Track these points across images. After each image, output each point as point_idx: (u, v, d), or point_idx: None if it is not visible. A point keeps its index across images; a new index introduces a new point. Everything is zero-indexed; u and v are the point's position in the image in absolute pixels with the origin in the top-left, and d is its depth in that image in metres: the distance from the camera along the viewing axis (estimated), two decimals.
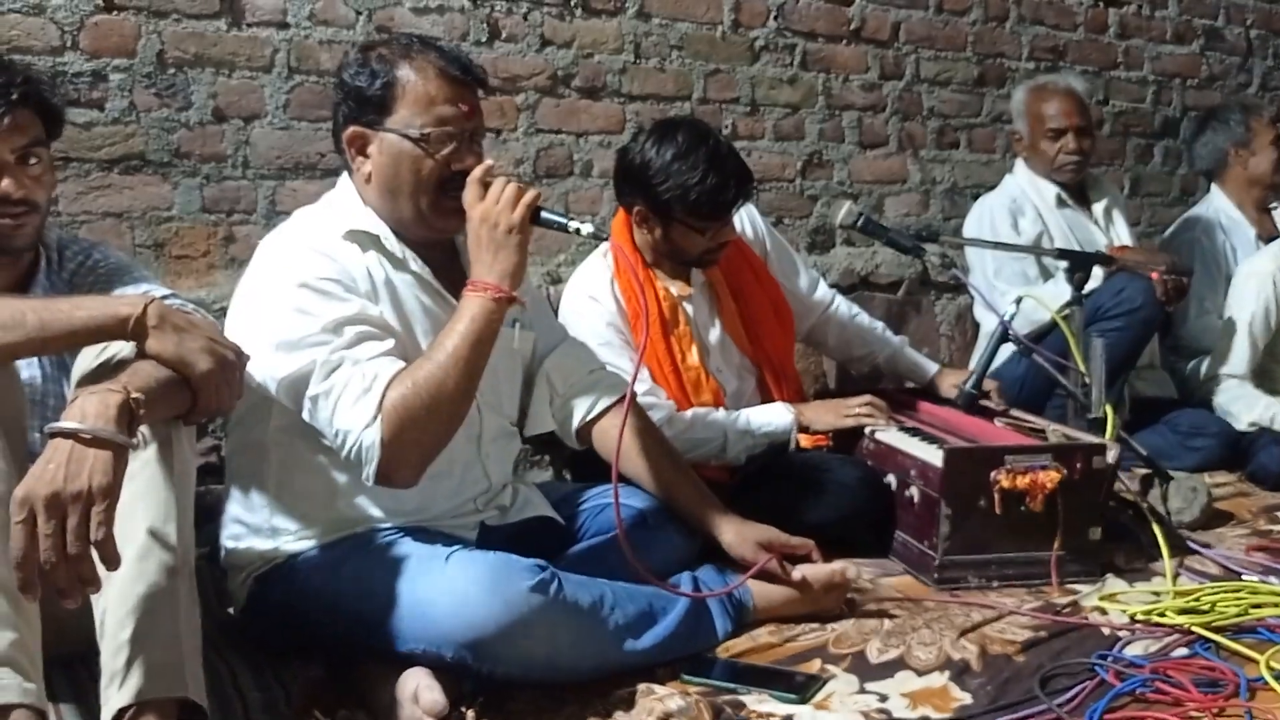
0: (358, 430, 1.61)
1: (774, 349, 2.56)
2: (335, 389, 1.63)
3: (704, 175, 2.30)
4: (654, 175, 2.34)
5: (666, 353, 2.41)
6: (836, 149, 3.46)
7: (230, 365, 1.48)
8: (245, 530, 1.83)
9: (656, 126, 2.46)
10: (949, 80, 3.65)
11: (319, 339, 1.65)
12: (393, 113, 1.74)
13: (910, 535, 2.27)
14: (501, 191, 1.68)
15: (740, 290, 2.56)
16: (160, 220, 2.57)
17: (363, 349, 1.66)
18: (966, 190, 3.70)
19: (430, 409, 1.61)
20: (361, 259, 1.76)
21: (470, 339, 1.64)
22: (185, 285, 2.56)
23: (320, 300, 1.67)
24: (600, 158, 3.08)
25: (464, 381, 1.64)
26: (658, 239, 2.41)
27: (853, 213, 2.62)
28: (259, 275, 1.75)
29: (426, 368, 1.63)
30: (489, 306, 1.66)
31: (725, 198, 2.33)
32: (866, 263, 3.47)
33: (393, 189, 1.76)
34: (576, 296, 2.47)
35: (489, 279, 1.66)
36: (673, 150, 2.33)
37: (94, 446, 1.29)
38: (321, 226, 1.78)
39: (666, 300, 2.44)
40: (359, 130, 1.76)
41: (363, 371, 1.63)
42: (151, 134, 2.54)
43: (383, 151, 1.75)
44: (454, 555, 1.70)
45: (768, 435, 2.40)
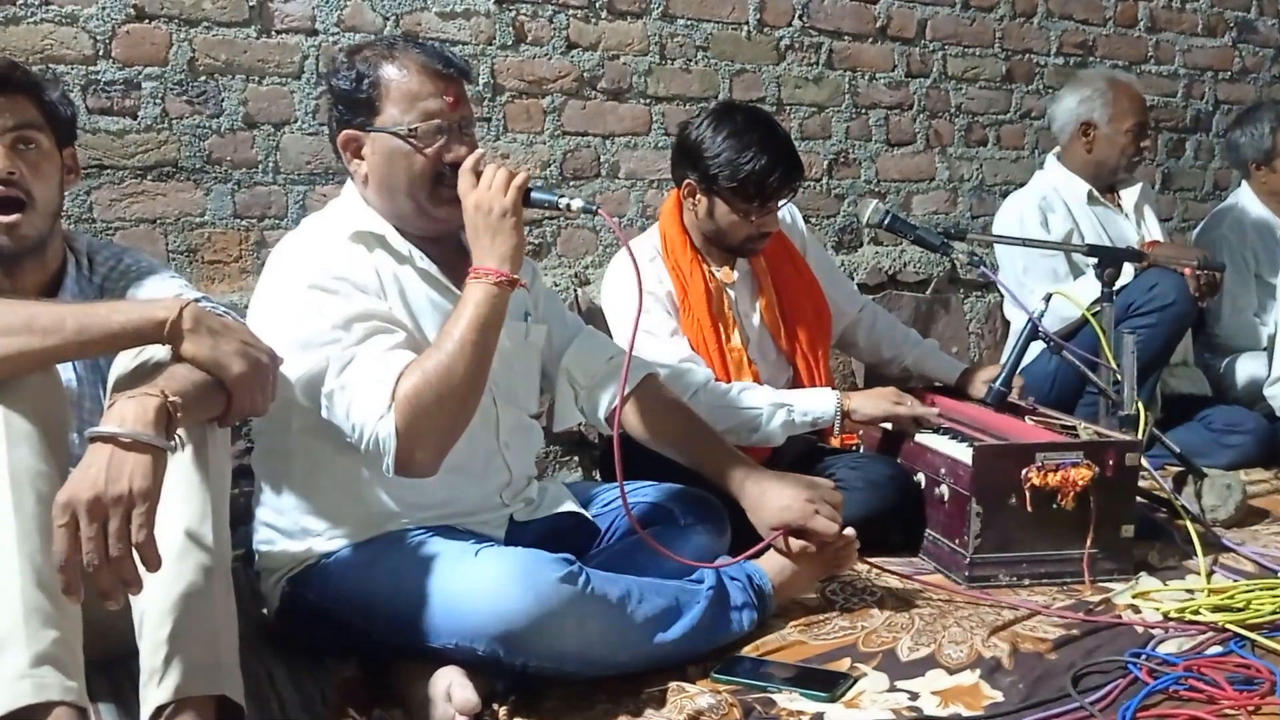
0: (373, 422, 1.63)
1: (810, 346, 2.56)
2: (349, 384, 1.66)
3: (755, 155, 2.33)
4: (706, 149, 2.37)
5: (712, 329, 2.42)
6: (863, 147, 3.46)
7: (264, 368, 1.50)
8: (276, 533, 1.86)
9: (719, 106, 2.49)
10: (976, 77, 3.63)
11: (331, 337, 1.68)
12: (381, 112, 1.76)
13: (940, 534, 2.27)
14: (492, 177, 1.70)
15: (782, 283, 2.57)
16: (193, 226, 2.61)
17: (373, 343, 1.68)
18: (994, 188, 3.68)
19: (442, 396, 1.63)
20: (369, 258, 1.79)
21: (476, 325, 1.66)
22: (218, 290, 2.59)
23: (329, 299, 1.70)
24: (626, 159, 3.10)
25: (473, 367, 1.66)
26: (702, 216, 2.43)
27: (880, 211, 2.61)
28: (272, 281, 1.78)
29: (435, 356, 1.65)
30: (491, 291, 1.67)
31: (772, 181, 2.35)
32: (894, 261, 3.46)
33: (389, 187, 1.78)
34: (620, 271, 2.49)
35: (489, 264, 1.68)
36: (729, 128, 2.36)
37: (134, 450, 1.31)
38: (328, 230, 1.82)
39: (714, 284, 2.47)
40: (351, 133, 1.79)
41: (374, 365, 1.66)
42: (184, 141, 2.58)
43: (376, 151, 1.78)
44: (483, 551, 1.72)
45: (810, 418, 2.40)
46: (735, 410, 2.34)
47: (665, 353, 2.36)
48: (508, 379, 1.91)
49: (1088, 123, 3.20)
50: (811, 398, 2.43)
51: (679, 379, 2.32)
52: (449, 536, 1.79)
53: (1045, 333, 2.50)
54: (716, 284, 2.47)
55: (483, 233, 1.69)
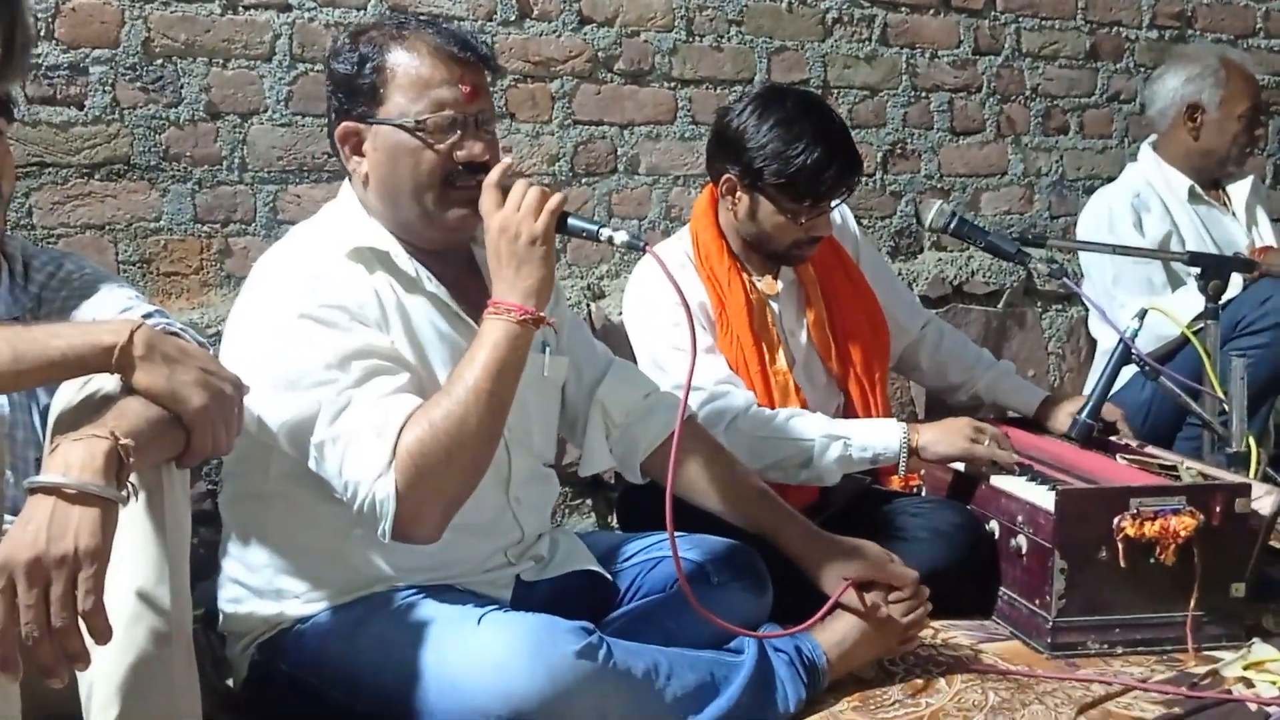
0: (369, 481, 1.62)
1: (865, 369, 2.55)
2: (343, 435, 1.65)
3: (807, 147, 2.32)
4: (750, 139, 2.36)
5: (754, 349, 2.42)
6: (923, 137, 3.46)
7: (227, 400, 1.49)
8: (245, 592, 1.86)
9: (765, 90, 2.49)
10: (1055, 54, 3.63)
11: (323, 377, 1.67)
12: (385, 102, 1.76)
13: (1018, 593, 2.26)
14: (522, 197, 1.69)
15: (833, 296, 2.56)
16: (147, 232, 2.63)
17: (372, 387, 1.67)
18: (1078, 183, 3.68)
19: (450, 453, 1.62)
20: (368, 281, 1.78)
21: (493, 369, 1.65)
22: (176, 307, 2.61)
23: (323, 332, 1.69)
24: (648, 151, 3.11)
25: (488, 419, 1.65)
26: (742, 217, 2.43)
27: (944, 213, 2.61)
28: (253, 306, 1.77)
29: (444, 405, 1.64)
30: (513, 330, 1.67)
31: (827, 177, 2.34)
32: (960, 270, 3.46)
33: (393, 189, 1.78)
34: (647, 278, 2.50)
35: (511, 298, 1.67)
36: (777, 116, 2.36)
37: (80, 504, 1.30)
38: (321, 246, 1.81)
39: (755, 296, 2.47)
40: (352, 125, 1.79)
41: (373, 413, 1.65)
42: (137, 134, 2.60)
43: (378, 147, 1.78)
44: (487, 617, 1.71)
45: (871, 454, 2.39)
46: (782, 441, 2.34)
47: (700, 373, 2.35)
48: (522, 422, 1.89)
49: (1195, 105, 3.19)
50: (872, 430, 2.41)
51: (715, 403, 2.33)
52: (446, 599, 1.79)
53: (1139, 354, 2.49)
54: (758, 296, 2.47)
55: (506, 261, 1.68)
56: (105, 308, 1.64)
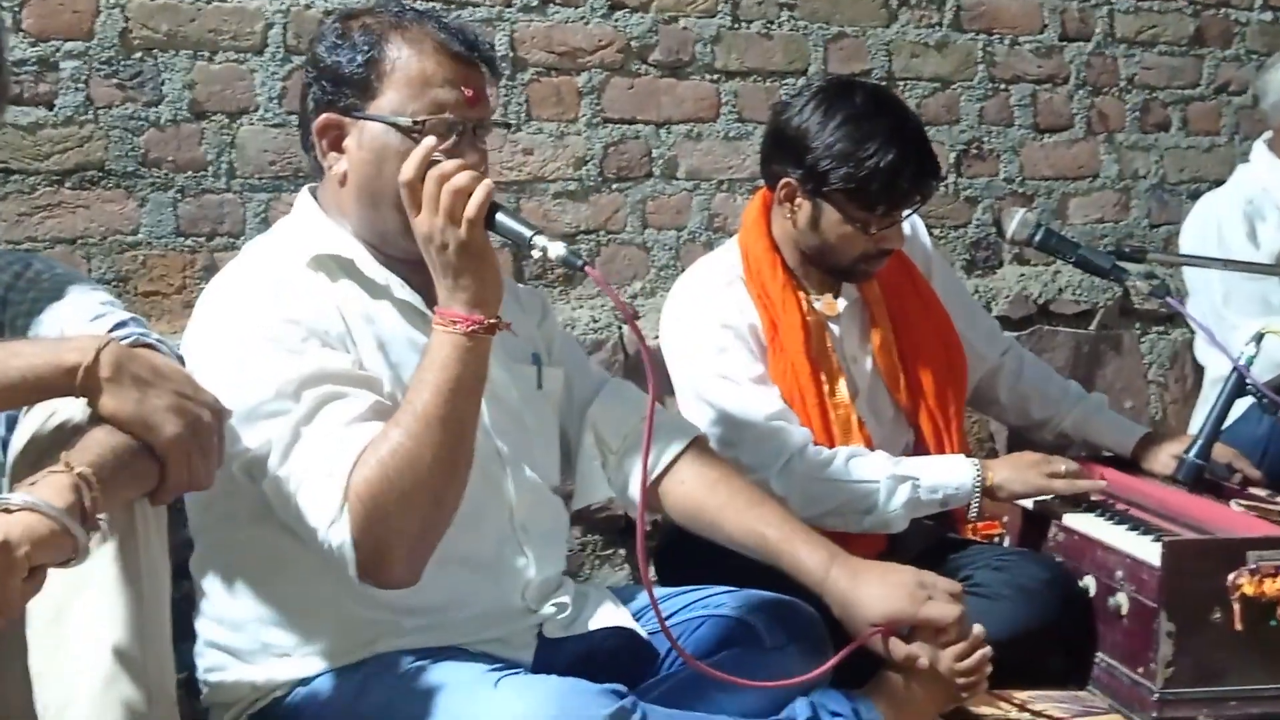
0: (324, 527, 1.65)
1: (938, 401, 2.54)
2: (294, 475, 1.68)
3: (881, 148, 2.32)
4: (814, 139, 2.36)
5: (811, 378, 2.41)
6: (1002, 135, 3.45)
7: (205, 427, 1.50)
8: (228, 657, 1.86)
9: (829, 83, 2.49)
10: (1155, 40, 3.62)
11: (274, 408, 1.69)
12: (378, 96, 1.78)
13: (1118, 659, 2.23)
14: (437, 194, 1.67)
15: (902, 317, 2.55)
16: (123, 246, 2.65)
17: (324, 418, 1.69)
18: (1181, 186, 3.66)
19: (405, 493, 1.64)
20: (332, 291, 1.81)
21: (445, 391, 1.66)
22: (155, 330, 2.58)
23: (276, 354, 1.71)
24: (687, 153, 3.11)
25: (446, 450, 1.66)
26: (802, 227, 2.43)
27: (1028, 222, 2.60)
28: (199, 330, 1.80)
29: (393, 438, 1.65)
30: (462, 344, 1.67)
31: (902, 183, 2.34)
32: (1046, 287, 3.44)
33: (373, 193, 1.80)
34: (688, 296, 2.49)
35: (456, 309, 1.68)
36: (845, 112, 2.36)
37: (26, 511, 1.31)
38: (277, 255, 1.84)
39: (813, 317, 2.46)
40: (334, 118, 1.80)
41: (324, 449, 1.67)
42: (113, 136, 2.62)
43: (363, 145, 1.79)
44: (505, 680, 1.71)
45: (940, 495, 2.38)
46: (842, 485, 2.33)
47: (750, 405, 2.35)
48: (521, 440, 1.91)
49: None
50: (942, 468, 2.41)
51: (768, 442, 2.32)
52: (460, 659, 1.79)
53: (1254, 384, 2.47)
54: (816, 317, 2.47)
55: (441, 271, 1.69)
56: (74, 313, 1.65)
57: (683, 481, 2.03)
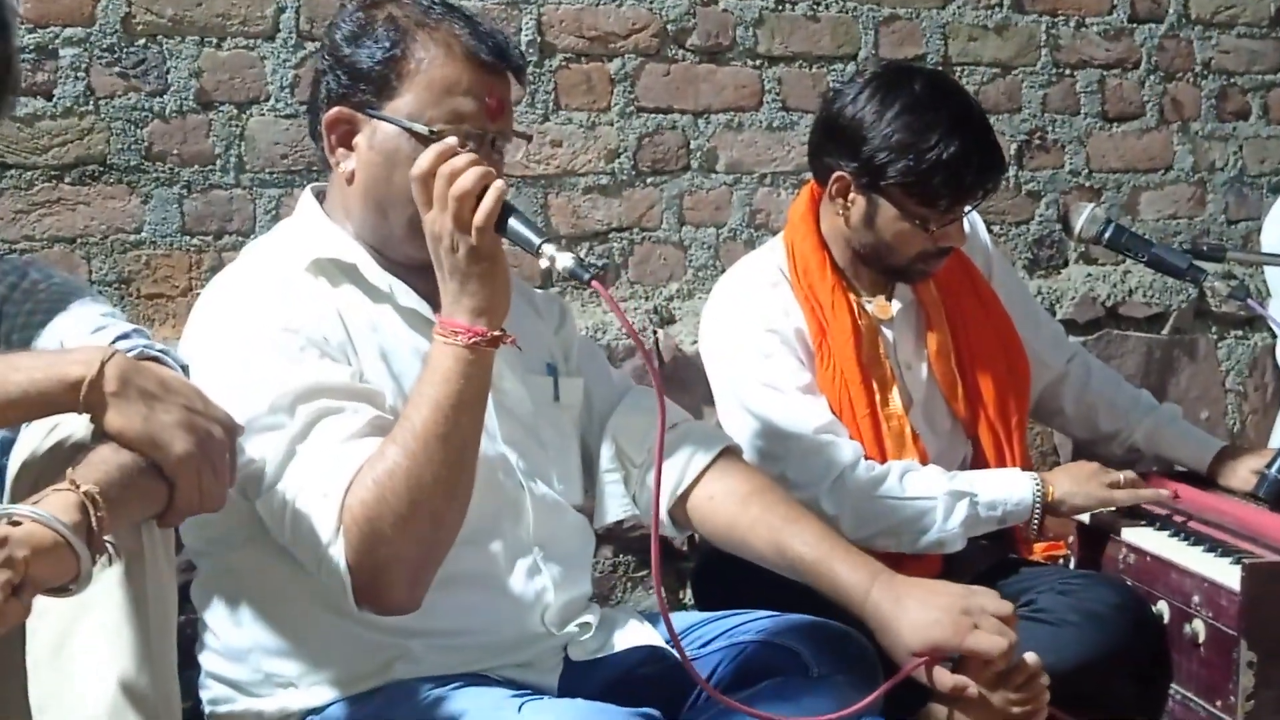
0: (320, 550, 1.67)
1: (999, 412, 2.53)
2: (288, 494, 1.69)
3: (943, 139, 2.31)
4: (870, 130, 2.35)
5: (863, 388, 2.40)
6: (1067, 124, 3.44)
7: (216, 444, 1.50)
8: (231, 690, 1.87)
9: (884, 70, 2.49)
10: (1232, 21, 3.59)
11: (268, 422, 1.71)
12: (396, 96, 1.79)
13: (1194, 692, 2.22)
14: (445, 191, 1.67)
15: (961, 322, 2.54)
16: (126, 246, 2.67)
17: (319, 435, 1.70)
18: (1261, 179, 3.63)
19: (402, 515, 1.65)
20: (332, 296, 1.82)
21: (445, 407, 1.66)
22: (159, 335, 2.62)
23: (272, 364, 1.73)
24: (728, 144, 3.11)
25: (446, 469, 1.67)
26: (856, 224, 2.42)
27: (1097, 218, 2.59)
28: (193, 338, 1.82)
29: (390, 457, 1.66)
30: (464, 357, 1.68)
31: (967, 176, 2.34)
32: (1115, 288, 3.42)
33: (381, 197, 1.82)
34: (729, 298, 2.49)
35: (459, 317, 1.69)
36: (903, 101, 2.35)
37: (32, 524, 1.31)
38: (276, 259, 1.86)
39: (864, 321, 2.46)
40: (346, 113, 1.82)
41: (319, 467, 1.68)
42: (114, 129, 2.64)
43: (374, 146, 1.81)
44: (528, 705, 1.71)
45: (999, 513, 2.37)
46: (896, 503, 2.33)
47: (797, 416, 2.35)
48: (537, 455, 1.92)
49: None
50: (1000, 482, 2.40)
51: (816, 456, 2.31)
52: (479, 685, 1.78)
53: None
54: (868, 321, 2.46)
55: (448, 274, 1.69)
56: (73, 326, 1.66)
57: (711, 496, 2.02)
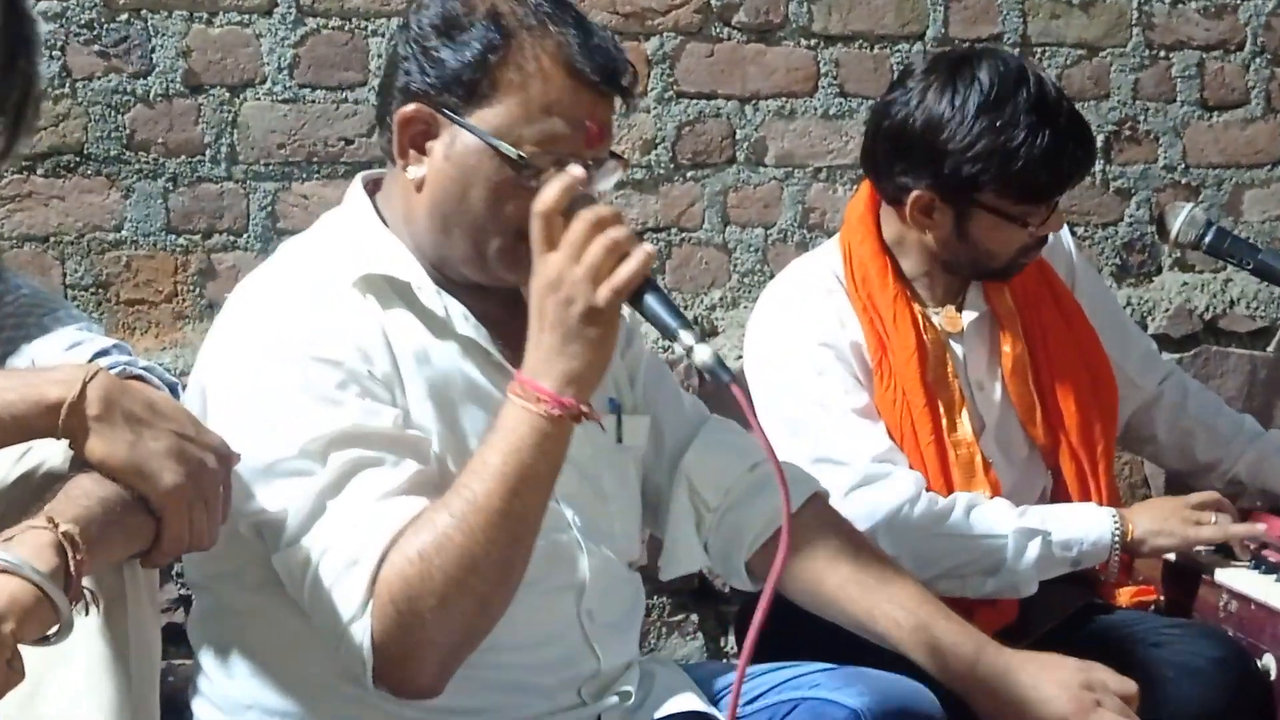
0: (341, 623, 1.65)
1: (1083, 438, 2.51)
2: (311, 555, 1.67)
3: (1031, 131, 2.31)
4: (949, 139, 2.34)
5: (927, 412, 2.39)
6: (1161, 113, 3.42)
7: (209, 475, 1.50)
8: None
9: (936, 65, 2.45)
10: None
11: (296, 466, 1.69)
12: (485, 104, 1.76)
13: None
14: (585, 243, 1.66)
15: (1040, 336, 2.52)
16: (104, 246, 2.67)
17: (354, 490, 1.68)
18: None
19: (447, 596, 1.63)
20: (380, 319, 1.80)
21: (513, 480, 1.64)
22: (141, 346, 2.65)
23: (302, 399, 1.71)
24: (778, 134, 3.10)
25: (502, 549, 1.65)
26: (946, 239, 2.42)
27: (1196, 220, 2.57)
28: (216, 351, 1.80)
29: (440, 526, 1.65)
30: (542, 427, 1.66)
31: (1064, 165, 2.35)
32: (1214, 299, 3.41)
33: (449, 214, 1.80)
34: (779, 307, 2.49)
35: (545, 381, 1.66)
36: (976, 97, 2.34)
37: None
38: (320, 269, 1.82)
39: (930, 335, 2.44)
40: (426, 112, 1.78)
41: (350, 530, 1.66)
42: (93, 114, 2.65)
43: (451, 156, 1.78)
44: None
45: (1074, 553, 2.37)
46: (963, 540, 2.32)
47: (852, 442, 2.33)
48: (597, 508, 1.90)
49: None
50: (1074, 518, 2.39)
51: (870, 489, 2.31)
52: None
53: None
54: (935, 334, 2.45)
55: (551, 326, 1.67)
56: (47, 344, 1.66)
57: (797, 548, 1.96)
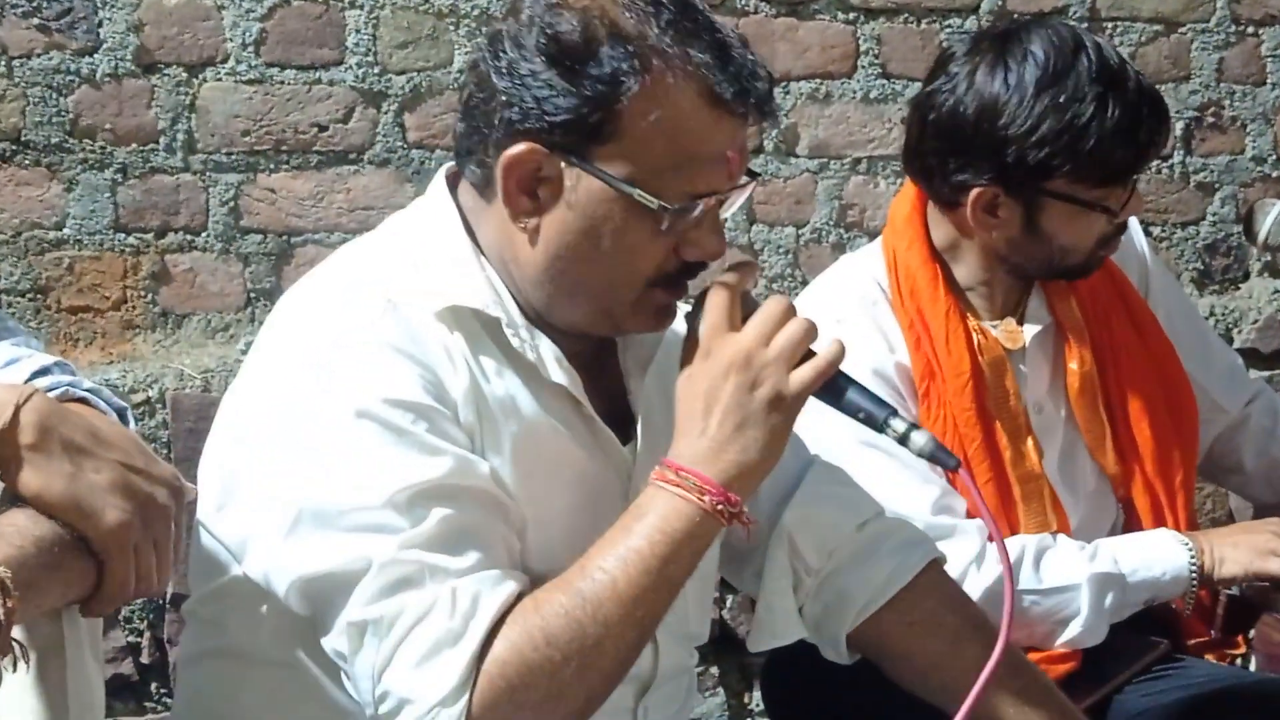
0: (429, 703, 1.62)
1: (1160, 467, 2.51)
2: (400, 622, 1.64)
3: (1098, 104, 2.31)
4: (1005, 125, 2.33)
5: (984, 447, 2.38)
6: (1249, 97, 3.44)
7: (159, 512, 1.51)
8: None
9: (980, 43, 2.43)
10: None
11: (378, 520, 1.65)
12: (615, 142, 1.69)
13: None
14: (777, 326, 1.70)
15: (1111, 351, 2.52)
16: (43, 246, 2.68)
17: (454, 556, 1.65)
18: None
19: (565, 689, 1.63)
20: (462, 353, 1.76)
21: (658, 571, 1.65)
22: (84, 360, 2.65)
23: (388, 445, 1.67)
24: (811, 119, 3.12)
25: (629, 645, 1.67)
26: (1016, 236, 2.39)
27: None
28: (274, 379, 1.75)
29: (566, 607, 1.64)
30: (700, 521, 1.67)
31: (1139, 135, 2.34)
32: None
33: (579, 271, 1.74)
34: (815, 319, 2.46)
35: (708, 470, 1.67)
36: (1033, 72, 2.34)
37: None
38: (399, 293, 1.74)
39: (988, 353, 2.45)
40: (540, 152, 1.69)
41: (454, 597, 1.64)
42: (31, 96, 2.66)
43: (576, 205, 1.70)
44: None
45: (1148, 594, 2.37)
46: (1034, 596, 2.32)
47: (905, 490, 2.28)
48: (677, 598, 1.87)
49: None
50: (1146, 553, 2.38)
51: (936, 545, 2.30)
52: None
53: None
54: (994, 353, 2.44)
55: (726, 412, 1.68)
56: None
57: (911, 624, 1.96)
